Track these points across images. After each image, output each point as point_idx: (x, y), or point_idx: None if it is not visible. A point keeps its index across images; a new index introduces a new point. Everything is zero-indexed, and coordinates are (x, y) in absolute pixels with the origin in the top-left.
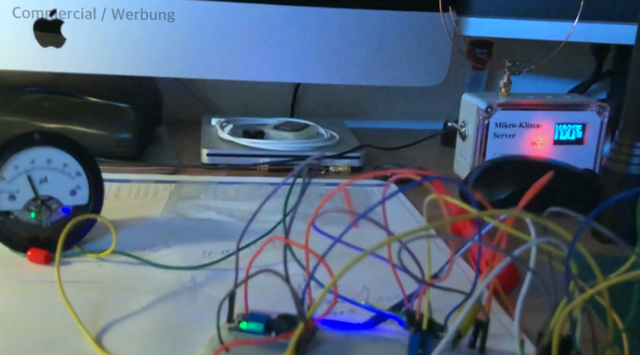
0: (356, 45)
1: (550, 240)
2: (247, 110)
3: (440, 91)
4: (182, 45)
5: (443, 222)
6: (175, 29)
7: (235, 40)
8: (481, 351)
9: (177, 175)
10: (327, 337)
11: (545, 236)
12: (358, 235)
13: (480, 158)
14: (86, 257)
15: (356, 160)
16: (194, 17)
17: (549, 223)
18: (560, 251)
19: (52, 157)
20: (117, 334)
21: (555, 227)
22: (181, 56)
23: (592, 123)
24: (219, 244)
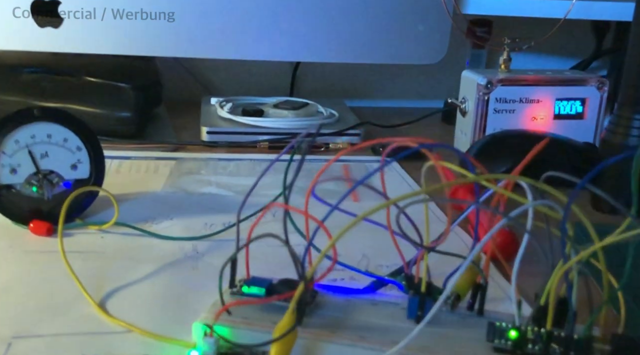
0: (356, 24)
1: (547, 203)
2: (246, 90)
3: (440, 69)
4: (181, 24)
5: (440, 186)
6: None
7: (234, 20)
8: (479, 313)
9: (177, 152)
10: (328, 301)
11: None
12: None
13: (480, 133)
14: (88, 229)
15: (356, 138)
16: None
17: (546, 186)
18: (556, 214)
19: (52, 132)
20: (121, 300)
21: (551, 190)
22: (180, 35)
23: (592, 98)
24: (220, 216)
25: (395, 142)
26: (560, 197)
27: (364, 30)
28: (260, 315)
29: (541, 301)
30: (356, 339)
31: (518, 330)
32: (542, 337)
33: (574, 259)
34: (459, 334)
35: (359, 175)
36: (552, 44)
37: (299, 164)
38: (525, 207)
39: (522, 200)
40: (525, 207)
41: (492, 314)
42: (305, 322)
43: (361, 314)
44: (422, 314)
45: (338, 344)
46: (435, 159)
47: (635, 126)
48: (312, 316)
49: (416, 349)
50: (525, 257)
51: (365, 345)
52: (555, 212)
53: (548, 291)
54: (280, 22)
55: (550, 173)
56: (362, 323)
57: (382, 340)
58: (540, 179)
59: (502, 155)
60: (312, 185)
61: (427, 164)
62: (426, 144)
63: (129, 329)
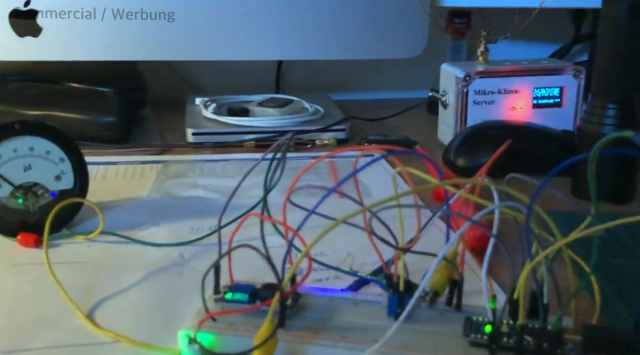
0: (336, 21)
1: (512, 205)
2: (231, 88)
3: (424, 59)
4: (162, 28)
5: (409, 192)
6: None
7: (216, 20)
8: (457, 308)
9: (163, 155)
10: (311, 302)
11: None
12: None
13: (462, 125)
14: (75, 239)
15: (342, 133)
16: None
17: (508, 189)
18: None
19: (34, 145)
20: (109, 310)
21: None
22: (162, 39)
23: (569, 86)
24: (207, 220)
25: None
26: (523, 199)
27: (344, 27)
28: (245, 320)
29: (514, 295)
30: (338, 340)
31: (492, 324)
32: (516, 330)
33: (540, 256)
34: (438, 329)
35: (344, 171)
36: (533, 31)
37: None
38: (490, 209)
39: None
40: (490, 209)
41: (471, 309)
42: (288, 325)
43: (343, 314)
44: (402, 311)
45: (320, 345)
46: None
47: (609, 115)
48: (295, 318)
49: (396, 346)
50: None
51: (346, 345)
52: (520, 212)
53: (519, 287)
54: (263, 22)
55: (513, 175)
56: (344, 323)
57: (363, 339)
58: (505, 180)
59: (483, 147)
60: (288, 193)
61: (396, 170)
62: (395, 151)
63: (117, 340)
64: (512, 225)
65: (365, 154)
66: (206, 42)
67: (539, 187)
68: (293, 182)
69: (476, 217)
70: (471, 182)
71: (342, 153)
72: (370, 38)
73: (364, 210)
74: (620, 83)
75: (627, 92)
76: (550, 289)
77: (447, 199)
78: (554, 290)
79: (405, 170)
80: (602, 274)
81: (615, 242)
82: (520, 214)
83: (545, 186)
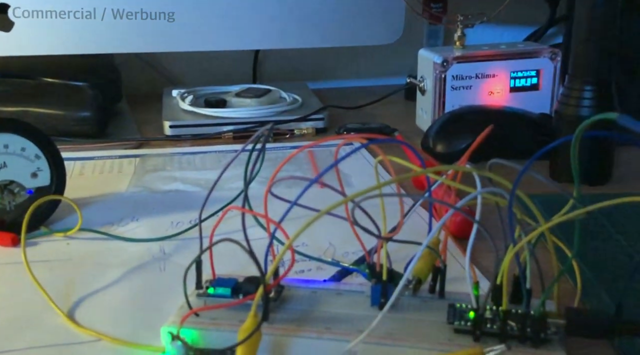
0: (312, 8)
1: (494, 190)
2: (208, 79)
3: (401, 46)
4: (136, 19)
5: (392, 181)
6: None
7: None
8: (440, 295)
9: (140, 149)
10: (294, 294)
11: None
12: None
13: (440, 111)
14: (54, 237)
15: (320, 122)
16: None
17: (492, 175)
18: (503, 200)
19: (9, 143)
20: (90, 308)
21: (496, 177)
22: (136, 30)
23: (546, 69)
24: (187, 214)
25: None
26: (505, 184)
27: (320, 15)
28: (228, 314)
29: (497, 281)
30: (322, 331)
31: (476, 311)
32: (499, 316)
33: (523, 241)
34: (422, 317)
35: (324, 161)
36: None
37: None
38: (473, 195)
39: (471, 190)
40: (473, 195)
41: (454, 295)
42: (272, 318)
43: (327, 305)
44: (385, 300)
45: (305, 337)
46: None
47: (586, 97)
48: (279, 311)
49: (380, 336)
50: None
51: (331, 336)
52: (502, 198)
53: (502, 272)
54: (238, 12)
55: (495, 160)
56: (328, 314)
57: (348, 330)
58: (487, 165)
59: (462, 132)
60: (269, 185)
61: (377, 159)
62: (376, 139)
63: (98, 338)
64: (493, 210)
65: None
66: (181, 33)
67: (521, 172)
68: (274, 173)
69: (460, 204)
70: (453, 168)
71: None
72: (347, 25)
73: (348, 200)
74: (597, 65)
75: (604, 74)
76: (532, 274)
77: (429, 186)
78: (537, 275)
79: (387, 159)
80: (582, 257)
81: (593, 224)
82: (503, 199)
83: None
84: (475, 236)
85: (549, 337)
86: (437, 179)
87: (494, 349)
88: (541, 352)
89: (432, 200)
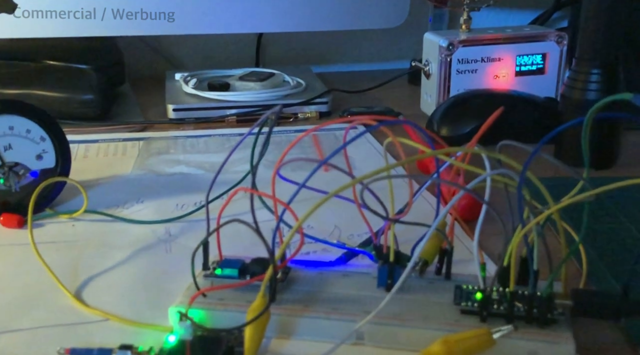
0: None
1: (503, 172)
2: (211, 63)
3: (405, 30)
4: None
5: (401, 163)
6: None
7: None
8: (447, 277)
9: (144, 132)
10: (301, 275)
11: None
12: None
13: (445, 95)
14: (59, 219)
15: (324, 106)
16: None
17: (501, 156)
18: (513, 181)
19: (14, 124)
20: (96, 288)
21: (506, 159)
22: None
23: (552, 52)
24: (191, 196)
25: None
26: (515, 166)
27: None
28: (235, 295)
29: (504, 262)
30: (329, 311)
31: (483, 292)
32: (506, 297)
33: (532, 222)
34: (428, 298)
35: (328, 144)
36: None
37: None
38: (482, 177)
39: (480, 171)
40: (482, 177)
41: (460, 277)
42: (279, 299)
43: (333, 286)
44: (392, 282)
45: (312, 317)
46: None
47: (593, 81)
48: (286, 292)
49: (387, 316)
50: (490, 216)
51: (338, 317)
52: (511, 179)
53: (509, 253)
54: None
55: (506, 142)
56: (335, 295)
57: (355, 310)
58: (497, 147)
59: (466, 116)
60: (276, 168)
61: (387, 140)
62: (386, 121)
63: (106, 318)
64: (500, 194)
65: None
66: (184, 16)
67: (532, 153)
68: (282, 155)
69: (470, 186)
70: (463, 150)
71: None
72: (351, 8)
73: (357, 182)
74: (604, 48)
75: (611, 57)
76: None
77: (437, 168)
78: (544, 257)
79: (396, 141)
80: (588, 240)
81: (599, 207)
82: (513, 180)
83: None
84: (483, 219)
85: (556, 318)
86: (447, 160)
87: (502, 329)
88: (548, 332)
89: (440, 181)
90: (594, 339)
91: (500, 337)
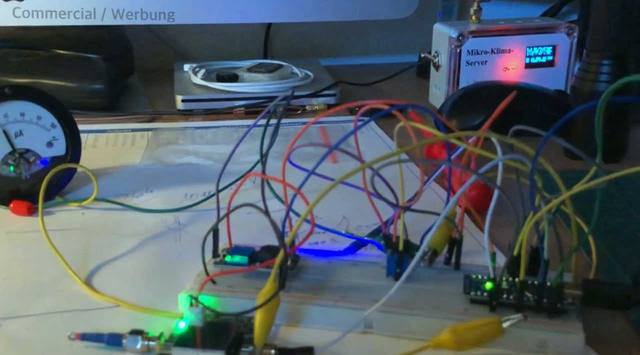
0: None
1: (515, 157)
2: (219, 54)
3: (414, 23)
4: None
5: (412, 147)
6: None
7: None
8: (456, 267)
9: (153, 123)
10: (310, 264)
11: (511, 154)
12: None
13: (454, 87)
14: (69, 206)
15: (332, 98)
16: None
17: (514, 141)
18: (525, 167)
19: (25, 111)
20: (107, 276)
21: (519, 143)
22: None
23: (562, 45)
24: (200, 186)
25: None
26: (527, 150)
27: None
28: (244, 282)
29: (514, 252)
30: (338, 300)
31: (493, 281)
32: (516, 287)
33: (543, 209)
34: (437, 288)
35: (336, 136)
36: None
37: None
38: (494, 162)
39: (492, 156)
40: (494, 162)
41: (469, 267)
42: (288, 286)
43: (342, 275)
44: (401, 271)
45: (321, 305)
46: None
47: (604, 72)
48: (295, 280)
49: (396, 305)
50: (500, 208)
51: (346, 305)
52: (524, 165)
53: (520, 242)
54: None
55: (518, 127)
56: (343, 284)
57: (363, 299)
58: (509, 132)
59: (475, 108)
60: (287, 153)
61: (398, 125)
62: (398, 105)
63: (116, 304)
64: (511, 184)
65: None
66: (192, 6)
67: (546, 137)
68: (291, 143)
69: (482, 170)
70: (475, 134)
71: (332, 118)
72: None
73: (366, 166)
74: (615, 39)
75: (622, 48)
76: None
77: (449, 153)
78: (556, 245)
79: (408, 125)
80: (598, 232)
81: (609, 200)
82: (525, 166)
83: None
84: (493, 207)
85: (566, 308)
86: (460, 144)
87: (511, 318)
88: (557, 322)
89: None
90: (604, 329)
91: (510, 327)
